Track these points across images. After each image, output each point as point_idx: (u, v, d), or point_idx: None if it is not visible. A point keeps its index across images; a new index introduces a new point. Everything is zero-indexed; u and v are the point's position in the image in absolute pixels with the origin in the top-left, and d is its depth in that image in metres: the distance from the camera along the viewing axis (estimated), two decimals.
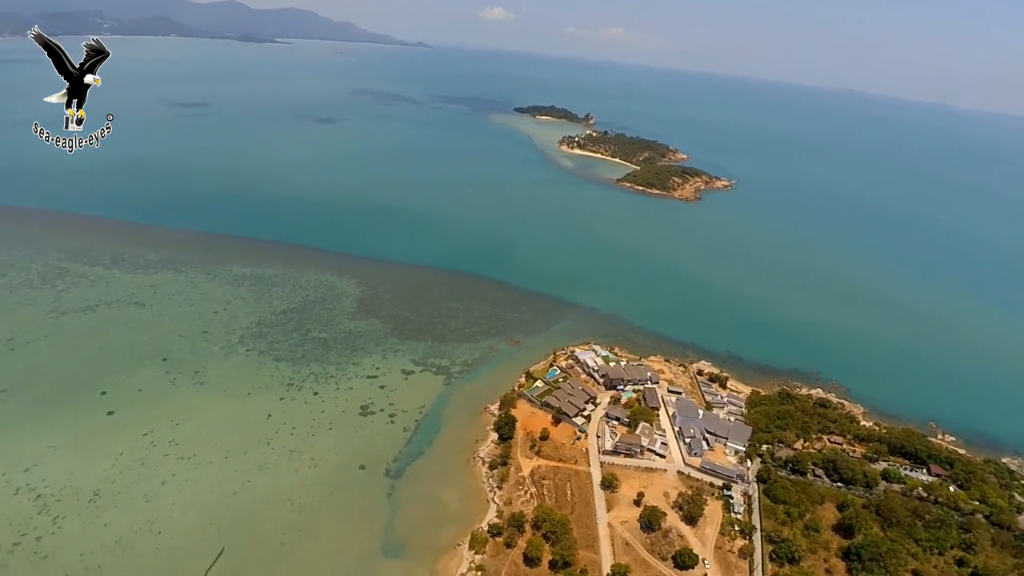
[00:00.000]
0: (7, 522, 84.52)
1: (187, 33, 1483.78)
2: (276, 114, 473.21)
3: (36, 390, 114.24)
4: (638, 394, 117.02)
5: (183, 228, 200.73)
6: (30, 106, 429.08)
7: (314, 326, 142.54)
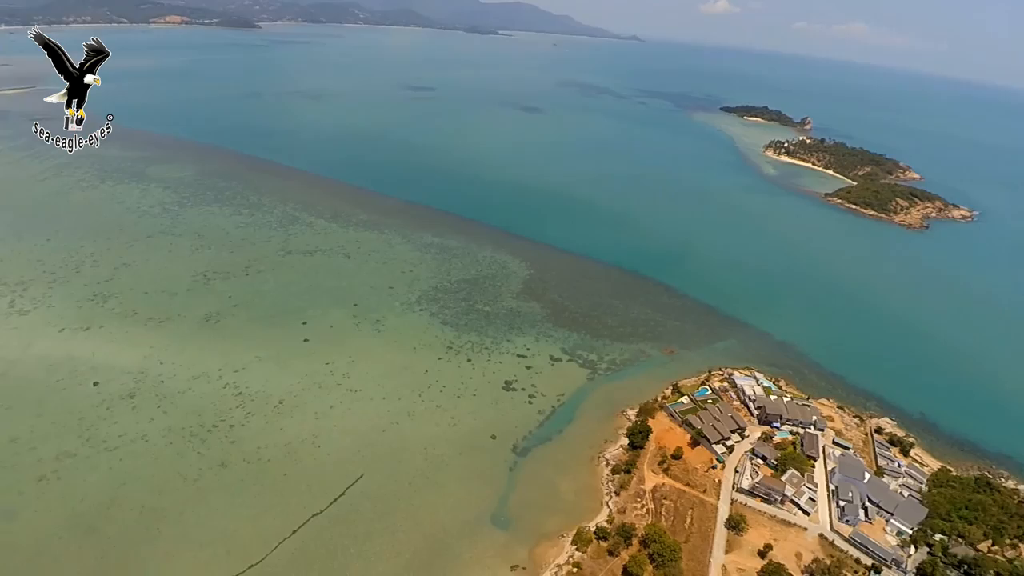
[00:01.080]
0: (213, 408, 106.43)
1: (425, 24, 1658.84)
2: (487, 101, 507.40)
3: (257, 309, 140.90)
4: (795, 437, 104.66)
5: (391, 196, 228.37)
6: (294, 80, 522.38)
7: (481, 299, 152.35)
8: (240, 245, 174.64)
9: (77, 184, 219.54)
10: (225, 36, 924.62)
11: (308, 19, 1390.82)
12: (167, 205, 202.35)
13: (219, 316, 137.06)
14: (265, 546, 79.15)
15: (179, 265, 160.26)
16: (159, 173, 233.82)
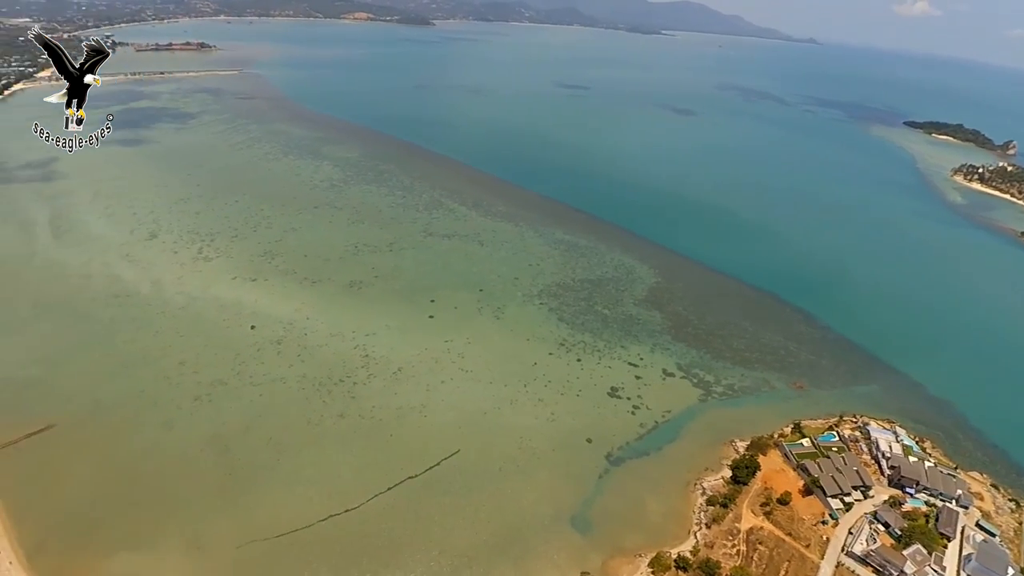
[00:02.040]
0: (342, 364, 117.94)
1: (587, 23, 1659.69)
2: (640, 101, 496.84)
3: (394, 283, 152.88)
4: (930, 509, 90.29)
5: (531, 189, 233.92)
6: (457, 74, 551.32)
7: (601, 301, 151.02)
8: (389, 223, 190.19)
9: (265, 156, 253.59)
10: (402, 32, 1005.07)
11: (478, 17, 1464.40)
12: (334, 181, 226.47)
13: (361, 284, 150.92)
14: (362, 495, 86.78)
15: (336, 235, 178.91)
16: (331, 152, 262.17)
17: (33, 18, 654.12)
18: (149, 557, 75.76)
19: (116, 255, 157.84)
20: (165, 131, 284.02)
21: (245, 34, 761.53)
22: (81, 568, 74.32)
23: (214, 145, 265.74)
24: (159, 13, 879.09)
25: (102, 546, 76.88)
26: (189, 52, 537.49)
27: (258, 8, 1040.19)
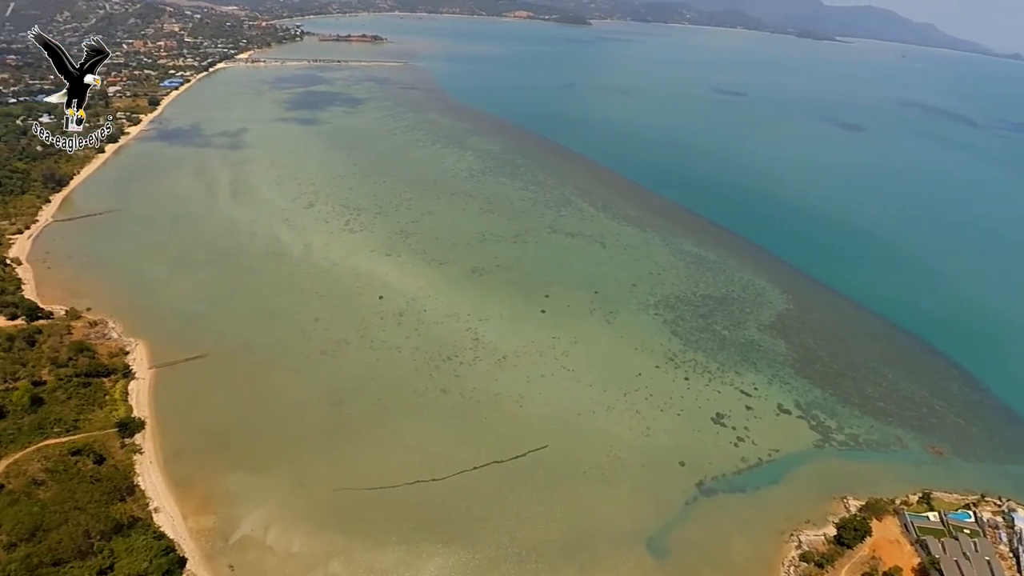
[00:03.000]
0: (453, 344, 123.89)
1: (752, 27, 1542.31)
2: (800, 112, 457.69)
3: (513, 274, 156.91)
4: None
5: (664, 195, 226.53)
6: (607, 75, 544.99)
7: (722, 321, 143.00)
8: (517, 216, 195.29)
9: (415, 143, 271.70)
10: (558, 31, 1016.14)
11: (636, 18, 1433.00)
12: (473, 171, 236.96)
13: (483, 271, 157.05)
14: (449, 469, 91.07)
15: (467, 222, 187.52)
16: (475, 144, 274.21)
17: (239, 7, 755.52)
18: (260, 482, 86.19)
19: (278, 218, 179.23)
20: (336, 114, 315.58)
21: (414, 29, 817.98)
22: (204, 478, 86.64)
23: (373, 130, 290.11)
24: (343, 7, 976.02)
25: (224, 464, 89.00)
26: (364, 44, 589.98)
27: (428, 5, 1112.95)
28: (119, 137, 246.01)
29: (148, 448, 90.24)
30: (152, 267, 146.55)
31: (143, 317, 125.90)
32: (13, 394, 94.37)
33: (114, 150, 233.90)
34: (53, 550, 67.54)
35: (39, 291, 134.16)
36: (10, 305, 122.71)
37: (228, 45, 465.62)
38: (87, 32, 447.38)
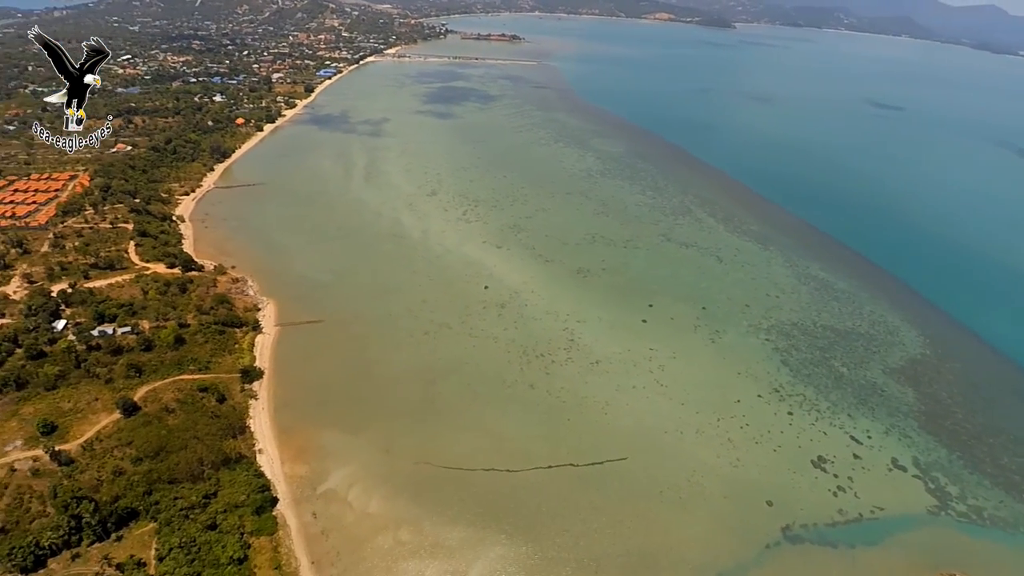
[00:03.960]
0: (548, 341, 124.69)
1: (920, 35, 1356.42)
2: (971, 133, 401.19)
3: (618, 278, 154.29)
4: None
5: (795, 214, 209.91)
6: (747, 81, 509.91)
7: (842, 357, 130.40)
8: (631, 221, 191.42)
9: (538, 141, 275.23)
10: (700, 34, 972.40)
11: (787, 22, 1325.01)
12: (591, 172, 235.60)
13: (588, 273, 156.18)
14: (524, 463, 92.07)
15: (579, 222, 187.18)
16: (597, 145, 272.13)
17: (392, 5, 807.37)
18: (351, 442, 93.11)
19: (403, 203, 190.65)
20: (468, 109, 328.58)
21: (552, 29, 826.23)
22: (303, 430, 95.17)
23: (501, 126, 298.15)
24: (486, 7, 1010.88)
25: (323, 420, 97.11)
26: (502, 42, 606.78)
27: (568, 6, 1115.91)
28: (276, 118, 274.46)
29: (262, 396, 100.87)
30: (290, 236, 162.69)
31: (276, 279, 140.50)
32: (162, 332, 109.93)
33: (271, 130, 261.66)
34: (171, 470, 78.32)
35: (195, 247, 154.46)
36: (171, 256, 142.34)
37: (379, 40, 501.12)
38: (262, 24, 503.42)
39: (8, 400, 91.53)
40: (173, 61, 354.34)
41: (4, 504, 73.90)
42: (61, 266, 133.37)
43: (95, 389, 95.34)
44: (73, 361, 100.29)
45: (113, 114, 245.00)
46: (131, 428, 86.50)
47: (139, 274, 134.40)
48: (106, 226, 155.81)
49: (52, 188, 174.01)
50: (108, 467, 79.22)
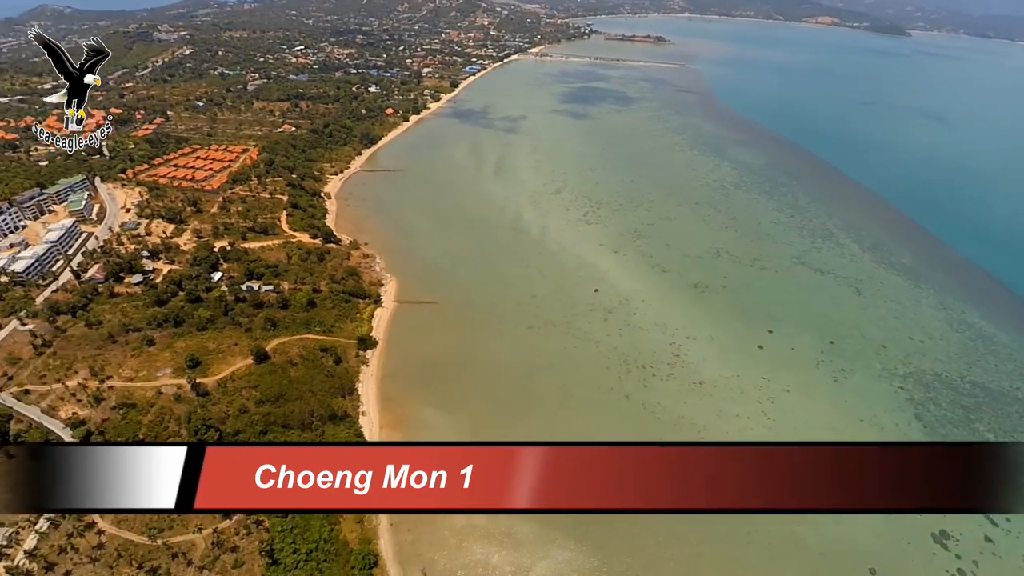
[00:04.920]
0: (651, 354, 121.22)
1: None
2: None
3: (738, 298, 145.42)
4: None
5: (957, 249, 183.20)
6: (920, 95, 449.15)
7: (989, 421, 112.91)
8: (761, 238, 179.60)
9: (672, 146, 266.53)
10: (867, 41, 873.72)
11: (972, 31, 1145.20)
12: (725, 183, 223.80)
13: (706, 288, 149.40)
14: None
15: (704, 234, 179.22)
16: (735, 155, 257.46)
17: (541, 5, 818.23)
18: (444, 421, 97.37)
19: (527, 199, 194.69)
20: (604, 110, 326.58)
21: (701, 31, 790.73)
22: (403, 402, 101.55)
23: (635, 129, 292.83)
24: (634, 8, 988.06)
25: (422, 396, 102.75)
26: (646, 44, 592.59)
27: (721, 8, 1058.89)
28: (421, 110, 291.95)
29: (373, 364, 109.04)
30: (419, 220, 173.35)
31: (401, 259, 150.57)
32: (298, 294, 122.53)
33: (415, 121, 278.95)
34: (286, 415, 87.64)
35: (337, 222, 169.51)
36: (315, 227, 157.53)
37: (524, 39, 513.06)
38: (418, 21, 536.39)
39: (167, 334, 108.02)
40: (338, 53, 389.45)
41: (149, 419, 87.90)
42: (224, 226, 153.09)
43: (236, 335, 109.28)
44: (222, 309, 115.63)
45: (283, 97, 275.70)
46: (259, 374, 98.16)
47: (287, 241, 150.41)
48: (266, 196, 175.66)
49: (227, 159, 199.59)
50: (235, 404, 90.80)
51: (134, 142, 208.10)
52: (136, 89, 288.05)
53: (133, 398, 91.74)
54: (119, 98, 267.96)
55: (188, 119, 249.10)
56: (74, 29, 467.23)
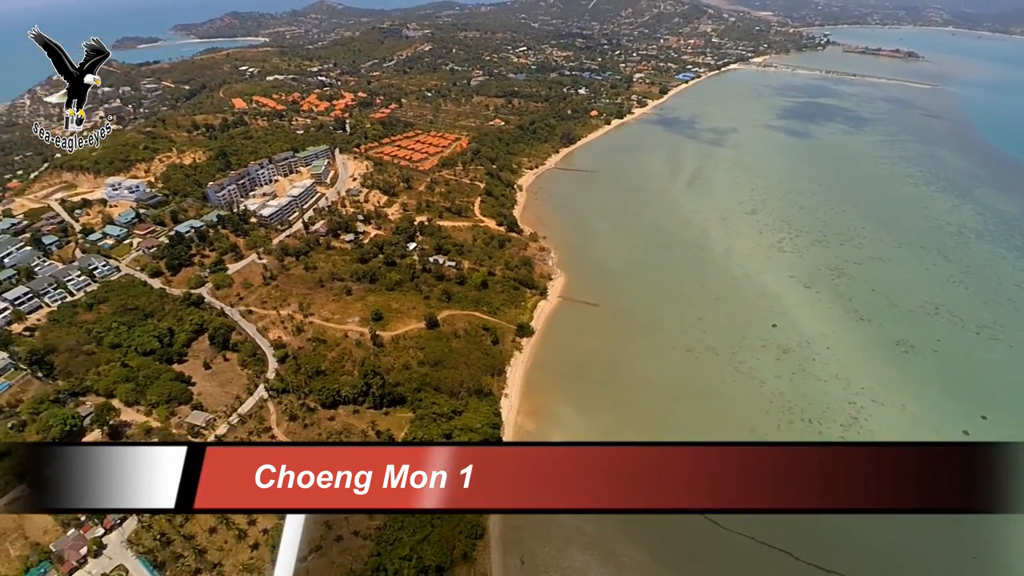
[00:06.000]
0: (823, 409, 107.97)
1: None
2: None
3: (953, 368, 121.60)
4: None
5: None
6: None
7: None
8: (998, 302, 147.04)
9: (903, 178, 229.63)
10: None
11: None
12: (964, 229, 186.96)
13: (911, 349, 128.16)
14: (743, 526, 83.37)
15: (923, 285, 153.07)
16: (983, 196, 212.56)
17: (774, 13, 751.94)
18: (579, 421, 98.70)
19: (716, 215, 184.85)
20: (828, 129, 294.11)
21: (966, 49, 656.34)
22: (545, 393, 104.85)
23: (861, 154, 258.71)
24: (885, 18, 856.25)
25: (564, 392, 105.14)
26: (893, 59, 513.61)
27: (996, 22, 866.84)
28: (625, 115, 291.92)
29: (526, 352, 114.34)
30: (600, 221, 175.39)
31: (574, 257, 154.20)
32: (475, 274, 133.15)
33: (617, 124, 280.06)
34: (439, 380, 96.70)
35: (522, 213, 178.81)
36: (502, 216, 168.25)
37: (747, 48, 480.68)
38: (639, 26, 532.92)
39: (362, 288, 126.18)
40: (556, 55, 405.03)
41: (332, 355, 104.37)
42: (427, 203, 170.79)
43: (416, 300, 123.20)
44: (410, 275, 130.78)
45: (500, 94, 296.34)
46: (427, 338, 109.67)
47: (476, 224, 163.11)
48: (466, 181, 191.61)
49: (441, 144, 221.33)
50: (401, 360, 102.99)
51: (370, 122, 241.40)
52: (381, 78, 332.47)
53: (325, 335, 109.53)
54: (367, 84, 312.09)
55: (417, 107, 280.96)
56: (342, 23, 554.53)
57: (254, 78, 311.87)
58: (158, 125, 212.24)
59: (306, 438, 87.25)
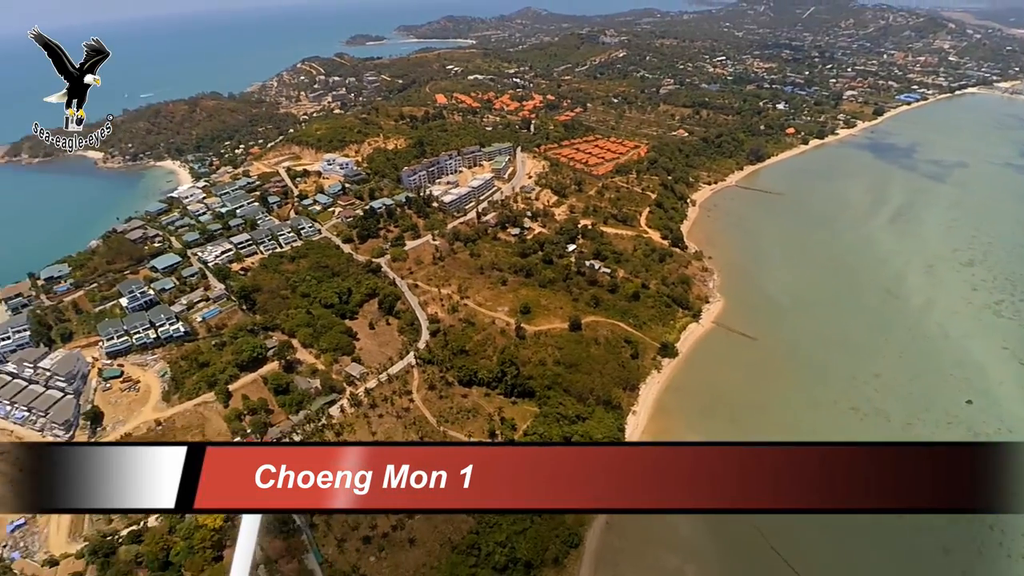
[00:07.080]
0: None
1: None
2: None
3: None
4: None
5: None
6: None
7: None
8: None
9: None
10: None
11: None
12: None
13: None
14: None
15: None
16: None
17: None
18: None
19: (921, 260, 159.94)
20: None
21: None
22: (675, 418, 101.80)
23: None
24: None
25: (694, 422, 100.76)
26: None
27: None
28: (827, 135, 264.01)
29: (664, 373, 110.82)
30: (775, 249, 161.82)
31: (737, 282, 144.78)
32: (628, 284, 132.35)
33: (816, 145, 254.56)
34: (571, 383, 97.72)
35: (690, 229, 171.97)
36: (668, 229, 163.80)
37: (992, 70, 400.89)
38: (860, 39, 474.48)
39: (517, 281, 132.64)
40: (757, 67, 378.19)
41: (477, 339, 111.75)
42: (594, 208, 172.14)
43: (564, 301, 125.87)
44: (563, 275, 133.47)
45: (688, 104, 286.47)
46: (568, 339, 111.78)
47: (639, 234, 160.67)
48: (637, 190, 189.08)
49: (618, 151, 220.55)
50: (539, 355, 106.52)
51: (554, 124, 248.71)
52: (571, 82, 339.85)
53: (475, 319, 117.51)
54: (556, 87, 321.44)
55: (601, 112, 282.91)
56: (544, 28, 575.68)
57: (457, 77, 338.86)
58: (372, 113, 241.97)
59: (440, 409, 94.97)
